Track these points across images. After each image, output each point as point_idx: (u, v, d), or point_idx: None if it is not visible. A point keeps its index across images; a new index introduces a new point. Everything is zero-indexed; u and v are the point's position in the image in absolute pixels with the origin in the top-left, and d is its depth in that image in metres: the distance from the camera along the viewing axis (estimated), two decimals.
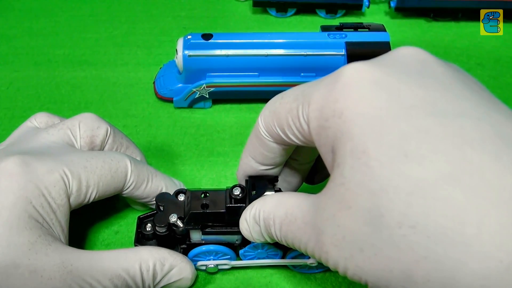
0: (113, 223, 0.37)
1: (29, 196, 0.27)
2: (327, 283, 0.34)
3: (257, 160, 0.30)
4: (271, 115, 0.27)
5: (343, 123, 0.22)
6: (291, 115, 0.25)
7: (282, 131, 0.27)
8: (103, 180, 0.31)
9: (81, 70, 0.49)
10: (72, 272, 0.26)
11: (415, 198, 0.20)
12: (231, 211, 0.30)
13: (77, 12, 0.56)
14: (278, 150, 0.29)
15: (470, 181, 0.19)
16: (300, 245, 0.26)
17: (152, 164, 0.40)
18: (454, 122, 0.21)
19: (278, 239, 0.27)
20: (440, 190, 0.19)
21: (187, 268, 0.31)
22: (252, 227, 0.29)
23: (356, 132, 0.22)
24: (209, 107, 0.46)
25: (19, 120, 0.41)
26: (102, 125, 0.34)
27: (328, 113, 0.23)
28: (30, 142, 0.32)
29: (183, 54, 0.42)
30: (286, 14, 0.57)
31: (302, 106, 0.25)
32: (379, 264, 0.21)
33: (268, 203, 0.28)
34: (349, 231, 0.22)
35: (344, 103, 0.22)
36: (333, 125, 0.23)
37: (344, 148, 0.22)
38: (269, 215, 0.27)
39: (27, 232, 0.26)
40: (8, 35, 0.53)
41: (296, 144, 0.27)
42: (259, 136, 0.28)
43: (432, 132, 0.20)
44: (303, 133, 0.25)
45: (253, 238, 0.29)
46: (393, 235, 0.20)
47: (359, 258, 0.22)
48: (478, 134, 0.20)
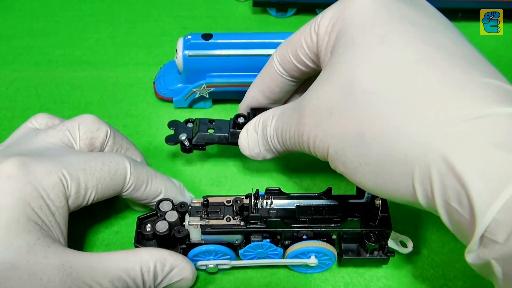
0: (113, 223, 0.37)
1: (27, 198, 0.27)
2: (327, 283, 0.34)
3: (264, 94, 0.36)
4: (285, 44, 0.34)
5: (345, 24, 0.28)
6: (304, 34, 0.32)
7: (294, 55, 0.33)
8: (102, 182, 0.31)
9: (81, 70, 0.49)
10: (72, 274, 0.26)
11: (382, 71, 0.25)
12: (233, 134, 0.37)
13: (77, 12, 0.56)
14: (285, 85, 0.35)
15: (428, 68, 0.24)
16: (287, 132, 0.31)
17: (152, 164, 0.40)
18: (428, 33, 0.26)
19: (271, 137, 0.33)
20: (401, 68, 0.25)
21: (188, 268, 0.31)
22: (250, 135, 0.35)
23: (350, 30, 0.28)
24: (209, 107, 0.46)
25: (19, 120, 0.41)
26: (102, 127, 0.34)
27: (335, 19, 0.29)
28: (29, 144, 0.32)
29: (183, 54, 0.42)
30: (286, 14, 0.57)
31: (314, 23, 0.31)
32: (341, 125, 0.26)
33: (268, 111, 0.34)
34: (324, 100, 0.28)
35: (350, 11, 0.28)
36: (337, 28, 0.29)
37: (339, 42, 0.28)
38: (269, 115, 0.34)
39: (26, 234, 0.26)
40: (8, 35, 0.53)
41: (304, 67, 0.33)
42: (272, 70, 0.34)
43: (408, 33, 0.26)
44: (312, 48, 0.31)
45: (248, 147, 0.35)
46: (358, 100, 0.26)
47: (327, 122, 0.27)
48: (445, 44, 0.26)
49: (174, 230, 0.32)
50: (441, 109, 0.23)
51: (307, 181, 0.40)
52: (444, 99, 0.23)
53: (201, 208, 0.32)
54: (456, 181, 0.22)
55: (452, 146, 0.22)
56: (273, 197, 0.33)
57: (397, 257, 0.35)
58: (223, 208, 0.33)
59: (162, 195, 0.34)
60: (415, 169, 0.23)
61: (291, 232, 0.32)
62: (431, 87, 0.24)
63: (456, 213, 0.23)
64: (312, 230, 0.32)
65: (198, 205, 0.33)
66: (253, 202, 0.32)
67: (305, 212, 0.33)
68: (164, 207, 0.33)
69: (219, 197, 0.33)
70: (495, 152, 0.22)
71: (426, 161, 0.23)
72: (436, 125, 0.23)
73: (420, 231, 0.37)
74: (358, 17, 0.28)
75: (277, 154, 0.35)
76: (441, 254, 0.35)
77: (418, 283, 0.34)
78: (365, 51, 0.26)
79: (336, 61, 0.28)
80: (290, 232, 0.32)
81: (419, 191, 0.24)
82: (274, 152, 0.35)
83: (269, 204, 0.33)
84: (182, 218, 0.33)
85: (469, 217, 0.22)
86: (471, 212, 0.22)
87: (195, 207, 0.33)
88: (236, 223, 0.32)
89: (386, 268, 0.35)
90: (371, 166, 0.26)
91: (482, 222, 0.21)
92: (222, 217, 0.32)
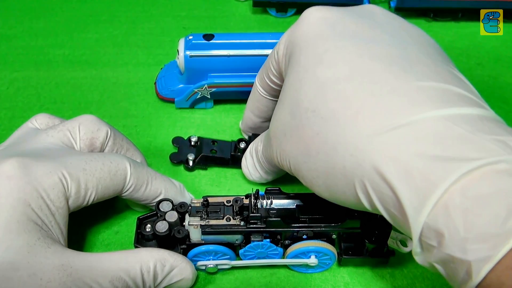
0: (113, 223, 0.37)
1: (27, 199, 0.27)
2: (327, 283, 0.34)
3: (254, 114, 0.39)
4: (261, 69, 0.36)
5: (294, 47, 0.30)
6: (270, 58, 0.34)
7: (268, 78, 0.35)
8: (102, 183, 0.31)
9: (81, 70, 0.49)
10: (72, 275, 0.26)
11: (320, 91, 0.27)
12: (235, 158, 0.40)
13: (77, 12, 0.56)
14: (271, 104, 0.37)
15: (360, 80, 0.26)
16: (267, 152, 0.33)
17: (152, 164, 0.40)
18: (366, 44, 0.27)
19: (262, 160, 0.36)
20: (337, 85, 0.26)
21: (188, 268, 0.31)
22: (248, 161, 0.38)
23: (297, 51, 0.30)
24: (210, 107, 0.46)
25: (19, 120, 0.41)
26: (102, 127, 0.34)
27: (288, 42, 0.31)
28: (29, 144, 0.32)
29: (185, 54, 0.42)
30: (286, 14, 0.57)
31: (276, 47, 0.33)
32: (292, 144, 0.28)
33: (259, 136, 0.38)
34: (280, 121, 0.30)
35: (297, 33, 0.30)
36: (289, 50, 0.31)
37: (289, 64, 0.30)
38: (258, 141, 0.37)
39: (26, 234, 0.26)
40: (8, 35, 0.53)
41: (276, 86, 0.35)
42: (256, 93, 0.37)
43: (346, 48, 0.27)
44: (278, 70, 0.33)
45: (250, 173, 0.38)
46: (302, 119, 0.27)
47: (284, 141, 0.29)
48: (383, 52, 0.27)
49: (174, 230, 0.32)
50: (369, 119, 0.24)
51: None
52: (373, 109, 0.24)
53: (201, 208, 0.32)
54: (388, 189, 0.23)
55: (381, 155, 0.23)
56: (273, 197, 0.33)
57: (397, 257, 0.35)
58: (223, 208, 0.33)
59: (162, 196, 0.34)
60: (355, 179, 0.25)
61: (291, 232, 0.32)
62: (361, 99, 0.25)
63: (396, 217, 0.24)
64: (312, 229, 0.32)
65: (198, 205, 0.33)
66: (253, 202, 0.32)
67: (305, 212, 0.33)
68: (164, 207, 0.33)
69: (219, 197, 0.33)
70: (418, 160, 0.22)
71: (361, 172, 0.24)
72: (366, 136, 0.24)
73: None
74: (303, 38, 0.30)
75: (274, 174, 0.38)
76: None
77: (418, 283, 0.34)
78: (306, 72, 0.28)
79: (286, 83, 0.30)
80: (290, 232, 0.32)
81: (363, 199, 0.25)
82: (271, 173, 0.37)
83: (269, 204, 0.33)
84: (182, 218, 0.33)
85: (405, 221, 0.23)
86: (405, 217, 0.23)
87: (195, 207, 0.33)
88: (236, 223, 0.32)
89: (386, 267, 0.35)
90: (321, 179, 0.27)
91: (416, 227, 0.22)
92: (222, 217, 0.32)
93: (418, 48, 0.28)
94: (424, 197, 0.22)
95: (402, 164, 0.23)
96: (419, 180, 0.22)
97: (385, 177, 0.23)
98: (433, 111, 0.23)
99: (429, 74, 0.26)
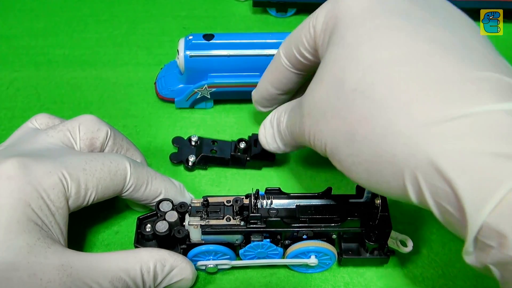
0: (113, 223, 0.37)
1: (27, 199, 0.27)
2: (327, 283, 0.34)
3: (274, 86, 0.37)
4: (288, 40, 0.34)
5: (337, 22, 0.28)
6: (303, 31, 0.32)
7: (297, 50, 0.33)
8: (102, 183, 0.31)
9: (81, 70, 0.49)
10: (72, 275, 0.26)
11: (369, 71, 0.25)
12: (235, 158, 0.40)
13: (77, 12, 0.56)
14: (294, 77, 0.35)
15: (416, 64, 0.24)
16: (294, 129, 0.32)
17: (152, 164, 0.40)
18: (421, 26, 0.26)
19: (284, 133, 0.34)
20: (390, 67, 0.24)
21: (188, 268, 0.31)
22: (267, 131, 0.36)
23: (341, 27, 0.28)
24: (210, 107, 0.46)
25: (19, 120, 0.41)
26: (102, 127, 0.34)
27: (329, 17, 0.29)
28: (29, 144, 0.32)
29: (185, 54, 0.42)
30: (286, 14, 0.57)
31: (313, 19, 0.31)
32: (333, 125, 0.27)
33: (282, 107, 0.35)
34: (318, 100, 0.28)
35: (342, 6, 0.28)
36: (330, 26, 0.29)
37: (332, 40, 0.28)
38: (282, 112, 0.35)
39: (26, 235, 0.26)
40: (8, 35, 0.53)
41: (308, 62, 0.33)
42: (279, 64, 0.35)
43: (398, 27, 0.26)
44: (312, 44, 0.31)
45: (267, 142, 0.36)
46: (347, 99, 0.26)
47: (322, 122, 0.28)
48: (438, 36, 0.25)
49: (174, 230, 0.32)
50: (426, 107, 0.23)
51: (307, 181, 0.40)
52: (430, 96, 0.23)
53: (201, 208, 0.32)
54: (445, 184, 0.22)
55: (438, 147, 0.22)
56: (273, 197, 0.33)
57: (397, 257, 0.35)
58: (223, 208, 0.33)
59: (162, 196, 0.34)
60: (405, 170, 0.23)
61: (291, 232, 0.32)
62: (417, 85, 0.23)
63: (449, 213, 0.22)
64: (312, 229, 0.32)
65: (198, 205, 0.33)
66: (253, 202, 0.32)
67: (305, 212, 0.33)
68: (164, 207, 0.33)
69: (219, 197, 0.33)
70: (480, 156, 0.21)
71: (414, 162, 0.23)
72: (421, 124, 0.23)
73: (420, 231, 0.37)
74: (349, 13, 0.28)
75: (294, 148, 0.35)
76: (441, 254, 0.35)
77: (418, 283, 0.34)
78: (353, 50, 0.26)
79: (327, 60, 0.28)
80: (290, 232, 0.32)
81: (411, 191, 0.24)
82: (290, 146, 0.35)
83: (269, 204, 0.33)
84: (182, 218, 0.33)
85: (461, 218, 0.22)
86: (463, 214, 0.21)
87: (195, 207, 0.33)
88: (236, 223, 0.32)
89: (386, 267, 0.35)
90: (363, 165, 0.25)
91: (474, 225, 0.21)
92: (222, 217, 0.32)
93: (471, 35, 0.26)
94: (486, 194, 0.20)
95: (463, 158, 0.21)
96: (482, 176, 0.21)
97: (442, 170, 0.22)
98: (495, 104, 0.22)
99: (487, 64, 0.24)
